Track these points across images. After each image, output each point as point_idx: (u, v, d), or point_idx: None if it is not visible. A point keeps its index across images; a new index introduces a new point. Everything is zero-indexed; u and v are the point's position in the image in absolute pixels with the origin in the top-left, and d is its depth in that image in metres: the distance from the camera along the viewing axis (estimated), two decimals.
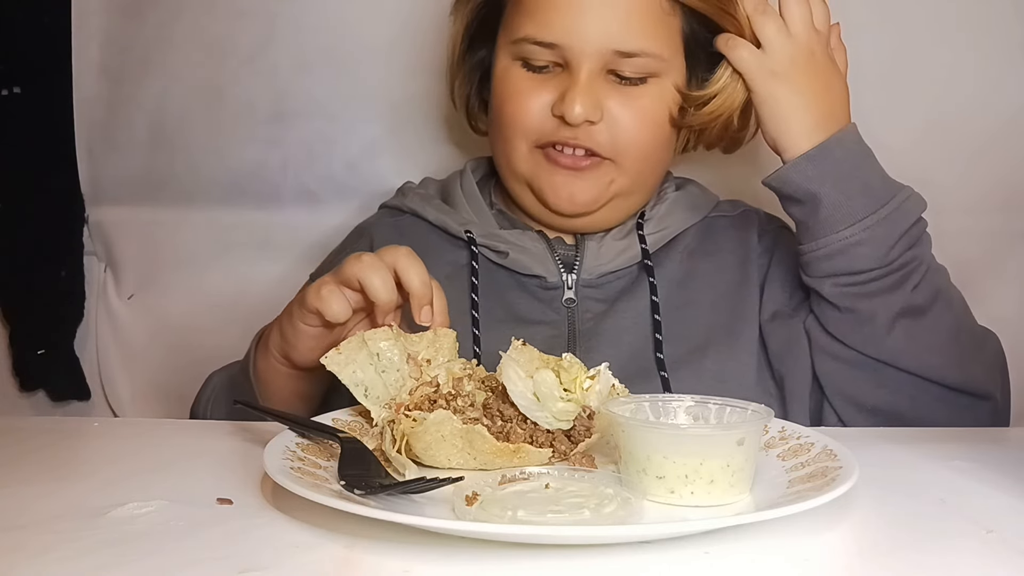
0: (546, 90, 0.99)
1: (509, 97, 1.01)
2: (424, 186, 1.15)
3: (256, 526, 0.62)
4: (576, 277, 1.03)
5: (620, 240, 1.05)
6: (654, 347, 0.99)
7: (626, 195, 1.03)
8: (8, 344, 1.34)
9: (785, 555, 0.58)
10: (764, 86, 0.96)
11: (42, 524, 0.62)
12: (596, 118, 0.97)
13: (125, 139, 1.33)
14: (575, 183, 1.00)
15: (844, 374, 0.97)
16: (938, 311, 0.96)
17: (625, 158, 1.00)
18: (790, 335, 1.01)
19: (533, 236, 1.06)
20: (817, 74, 0.96)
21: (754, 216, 1.11)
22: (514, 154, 1.02)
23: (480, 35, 1.09)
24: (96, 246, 1.37)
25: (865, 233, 0.93)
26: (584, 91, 0.96)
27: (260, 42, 1.29)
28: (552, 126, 0.99)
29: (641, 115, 1.00)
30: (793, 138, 0.95)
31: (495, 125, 1.05)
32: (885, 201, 0.94)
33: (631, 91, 0.99)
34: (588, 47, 0.96)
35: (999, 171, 1.27)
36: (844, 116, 0.98)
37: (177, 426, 0.93)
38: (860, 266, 0.94)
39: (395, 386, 0.79)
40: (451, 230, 1.06)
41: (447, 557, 0.57)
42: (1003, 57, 1.26)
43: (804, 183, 0.94)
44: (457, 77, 1.13)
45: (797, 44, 0.96)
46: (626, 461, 0.69)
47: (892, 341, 0.94)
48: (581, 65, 0.97)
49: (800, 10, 0.96)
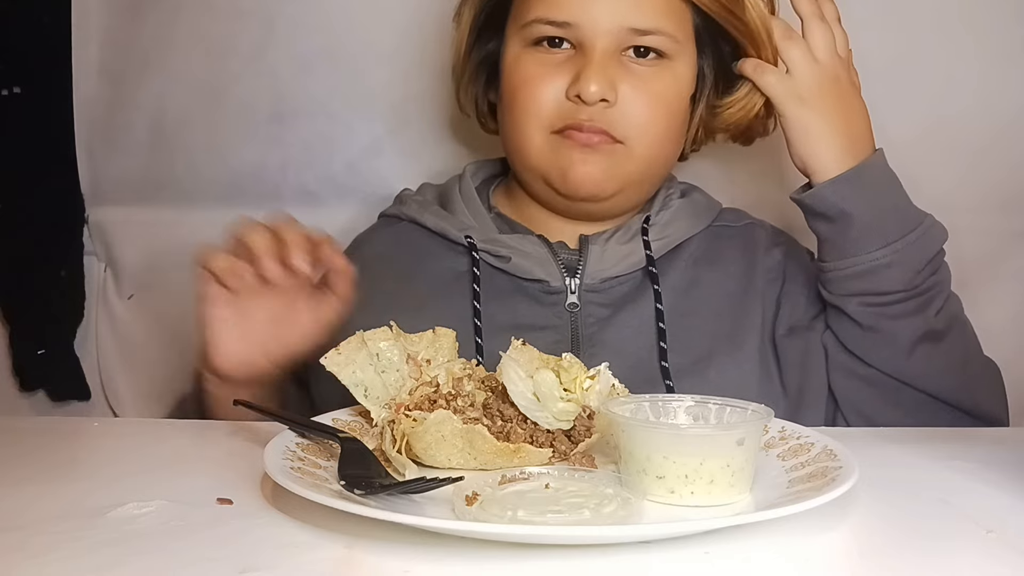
0: (559, 74, 0.99)
1: (522, 84, 1.01)
2: (422, 192, 1.14)
3: (256, 526, 0.62)
4: (579, 281, 1.02)
5: (624, 244, 1.04)
6: (659, 356, 0.98)
7: (636, 183, 1.03)
8: (8, 344, 1.34)
9: (785, 555, 0.58)
10: (793, 110, 0.98)
11: (42, 524, 0.62)
12: (611, 98, 0.97)
13: (125, 139, 1.33)
14: (589, 162, 0.99)
15: (861, 392, 0.99)
16: (954, 336, 0.99)
17: (637, 142, 1.00)
18: (807, 348, 1.02)
19: (534, 240, 1.05)
20: (842, 99, 0.99)
21: (760, 230, 1.11)
22: (528, 143, 1.01)
23: (488, 28, 1.08)
24: (96, 246, 1.37)
25: (896, 256, 0.95)
26: (599, 69, 0.96)
27: (260, 42, 1.29)
28: (567, 109, 0.98)
29: (654, 99, 1.00)
30: (824, 161, 0.97)
31: (507, 116, 1.04)
32: (914, 226, 0.96)
33: (644, 73, 0.99)
34: (602, 25, 0.96)
35: (999, 171, 1.27)
36: (870, 140, 1.00)
37: (177, 426, 0.93)
38: (887, 287, 0.96)
39: (395, 386, 0.79)
40: (451, 236, 1.05)
41: (447, 557, 0.57)
42: (1005, 58, 1.26)
43: (839, 202, 0.96)
44: (463, 76, 1.12)
45: (823, 69, 0.98)
46: (626, 461, 0.69)
47: (912, 362, 0.96)
48: (595, 44, 0.97)
49: (824, 36, 0.98)
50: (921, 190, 1.01)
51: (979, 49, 1.26)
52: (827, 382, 1.01)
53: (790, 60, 0.98)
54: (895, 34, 1.25)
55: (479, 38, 1.10)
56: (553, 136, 1.00)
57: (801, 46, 0.98)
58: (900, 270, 0.95)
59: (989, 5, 1.25)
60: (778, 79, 0.98)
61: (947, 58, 1.26)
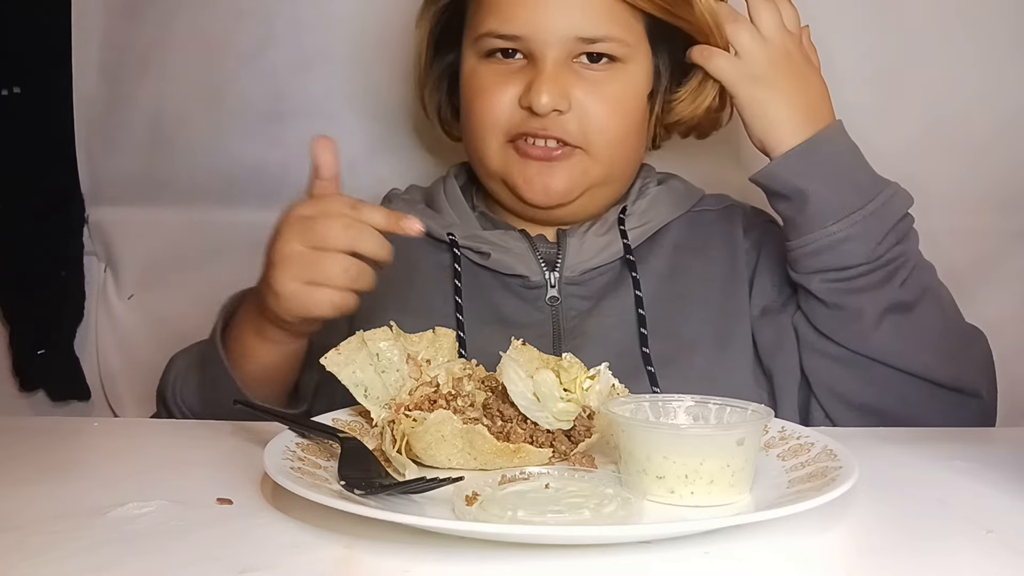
0: (512, 84, 1.00)
1: (477, 94, 1.02)
2: (409, 192, 1.15)
3: (256, 526, 0.62)
4: (559, 275, 1.03)
5: (601, 236, 1.05)
6: (640, 343, 0.99)
7: (601, 184, 1.04)
8: (8, 344, 1.34)
9: (785, 555, 0.58)
10: (746, 91, 0.97)
11: (42, 524, 0.62)
12: (564, 107, 0.98)
13: (125, 139, 1.33)
14: (548, 174, 1.01)
15: (832, 371, 0.97)
16: (925, 307, 0.96)
17: (596, 146, 1.00)
18: (779, 331, 1.01)
19: (515, 236, 1.06)
20: (796, 73, 0.98)
21: (739, 211, 1.11)
22: (486, 151, 1.03)
23: (445, 40, 1.10)
24: (96, 246, 1.37)
25: (853, 228, 0.94)
26: (550, 80, 0.97)
27: (260, 42, 1.29)
28: (521, 118, 1.00)
29: (609, 102, 1.00)
30: (780, 137, 0.96)
31: (466, 125, 1.06)
32: (872, 196, 0.95)
33: (597, 78, 1.00)
34: (551, 36, 0.97)
35: (999, 171, 1.27)
36: (827, 112, 0.99)
37: (177, 426, 0.93)
38: (848, 261, 0.94)
39: (395, 386, 0.79)
40: (435, 234, 1.06)
41: (447, 557, 0.57)
42: (1004, 58, 1.26)
43: (791, 179, 0.95)
44: (426, 85, 1.14)
45: (772, 47, 0.97)
46: (626, 461, 0.69)
47: (880, 337, 0.95)
48: (546, 55, 0.98)
49: (770, 13, 0.97)
50: (921, 190, 1.01)
51: (978, 49, 1.26)
52: (799, 365, 0.99)
53: (738, 43, 0.97)
54: (895, 35, 1.26)
55: (438, 50, 1.11)
56: (509, 145, 1.01)
57: (747, 27, 0.97)
58: (859, 243, 0.94)
59: (986, 7, 1.26)
60: (727, 62, 0.98)
61: (947, 58, 1.26)
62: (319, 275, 0.85)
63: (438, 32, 1.10)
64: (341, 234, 0.85)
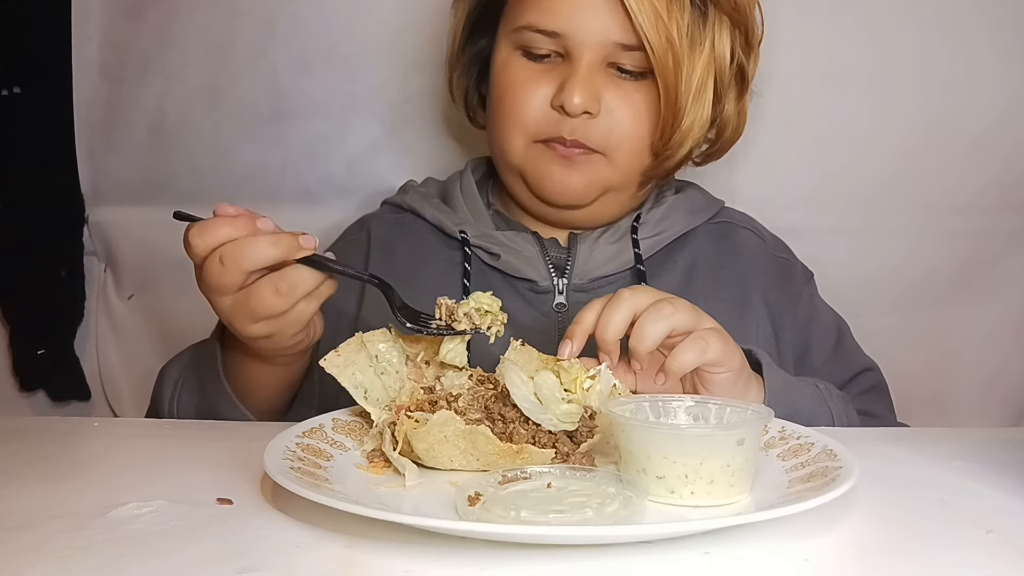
0: (546, 81, 0.99)
1: (509, 87, 1.02)
2: (425, 185, 1.15)
3: (256, 526, 0.62)
4: (567, 281, 1.03)
5: (613, 244, 1.04)
6: None
7: (616, 191, 1.04)
8: (8, 344, 1.34)
9: (785, 555, 0.58)
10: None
11: (42, 524, 0.62)
12: (594, 110, 0.98)
13: (125, 139, 1.33)
14: (568, 173, 1.01)
15: None
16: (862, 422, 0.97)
17: (617, 153, 1.00)
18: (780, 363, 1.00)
19: (527, 238, 1.05)
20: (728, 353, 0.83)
21: (759, 242, 1.11)
22: (510, 145, 1.02)
23: (481, 25, 1.09)
24: (96, 246, 1.37)
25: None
26: (584, 81, 0.97)
27: (260, 42, 1.29)
28: (550, 120, 0.99)
29: (637, 111, 1.00)
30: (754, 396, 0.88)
31: (493, 115, 1.05)
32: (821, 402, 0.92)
33: (629, 86, 0.99)
34: (590, 37, 0.97)
35: (999, 171, 1.27)
36: (742, 355, 0.86)
37: (177, 426, 0.93)
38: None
39: (394, 388, 0.79)
40: (447, 230, 1.06)
41: (448, 557, 0.57)
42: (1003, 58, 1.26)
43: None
44: (456, 68, 1.14)
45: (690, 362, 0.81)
46: (626, 461, 0.69)
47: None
48: (582, 55, 0.97)
49: (650, 332, 0.79)
50: (921, 190, 1.01)
51: (977, 48, 1.26)
52: None
53: (678, 364, 0.79)
54: (895, 35, 1.25)
55: (472, 33, 1.11)
56: (535, 145, 1.01)
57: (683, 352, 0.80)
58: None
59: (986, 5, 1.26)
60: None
61: (946, 58, 1.26)
62: (262, 311, 0.80)
63: (476, 15, 1.09)
64: (245, 260, 0.78)
